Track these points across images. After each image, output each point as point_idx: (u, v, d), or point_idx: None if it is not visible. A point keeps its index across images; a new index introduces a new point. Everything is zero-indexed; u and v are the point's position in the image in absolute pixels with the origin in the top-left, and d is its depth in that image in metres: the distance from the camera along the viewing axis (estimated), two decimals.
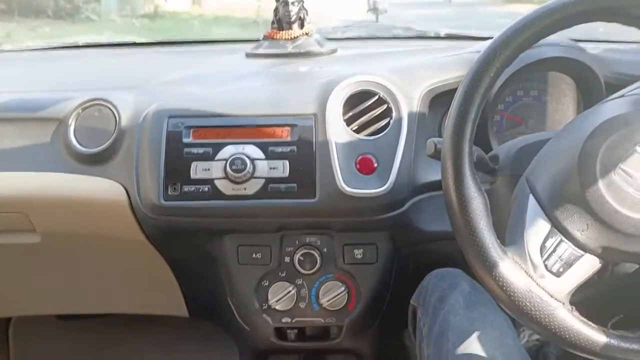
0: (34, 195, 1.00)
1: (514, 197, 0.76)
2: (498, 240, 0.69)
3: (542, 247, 0.69)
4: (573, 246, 0.68)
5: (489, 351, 0.78)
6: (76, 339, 1.66)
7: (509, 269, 0.68)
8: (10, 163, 1.01)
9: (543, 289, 0.68)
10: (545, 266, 0.69)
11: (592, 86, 1.02)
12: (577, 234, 0.68)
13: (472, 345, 0.79)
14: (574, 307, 0.69)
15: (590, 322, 0.68)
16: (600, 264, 0.69)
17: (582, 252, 0.68)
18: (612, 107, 0.73)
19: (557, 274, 0.69)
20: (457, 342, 0.80)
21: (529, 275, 0.68)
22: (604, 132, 0.68)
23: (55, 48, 1.48)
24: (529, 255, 0.70)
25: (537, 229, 0.70)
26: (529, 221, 0.71)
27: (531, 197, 0.72)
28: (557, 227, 0.69)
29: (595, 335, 0.67)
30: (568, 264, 0.69)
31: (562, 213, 0.68)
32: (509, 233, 0.74)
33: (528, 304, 0.67)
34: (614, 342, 0.67)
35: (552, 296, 0.68)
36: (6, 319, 1.64)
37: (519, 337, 1.15)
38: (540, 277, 0.69)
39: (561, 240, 0.69)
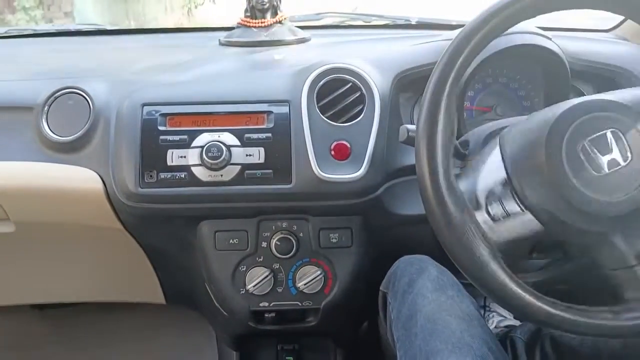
0: (7, 184, 0.99)
1: (483, 149, 0.79)
2: (454, 180, 0.72)
3: (491, 192, 0.73)
4: (519, 202, 0.71)
5: (457, 333, 0.79)
6: (53, 328, 1.66)
7: (452, 196, 0.71)
8: None
9: (476, 224, 0.71)
10: (486, 206, 0.73)
11: (558, 73, 1.05)
12: (528, 192, 0.70)
13: (441, 327, 0.81)
14: (501, 255, 0.71)
15: (508, 270, 0.70)
16: (540, 229, 0.72)
17: (525, 211, 0.71)
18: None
19: (494, 219, 0.73)
20: (426, 324, 0.82)
21: (467, 207, 0.71)
22: (580, 110, 0.70)
23: (23, 36, 1.46)
24: (476, 193, 0.74)
25: (492, 175, 0.74)
26: (487, 166, 0.75)
27: (497, 149, 0.75)
28: (512, 179, 0.72)
29: (506, 280, 0.69)
30: (508, 215, 0.72)
31: (519, 169, 0.71)
32: (465, 173, 0.78)
33: (459, 233, 0.70)
34: (519, 290, 0.69)
35: (483, 235, 0.71)
36: None
37: (487, 322, 1.19)
38: (477, 212, 0.73)
39: (510, 193, 0.72)
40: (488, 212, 0.73)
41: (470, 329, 0.80)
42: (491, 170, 0.75)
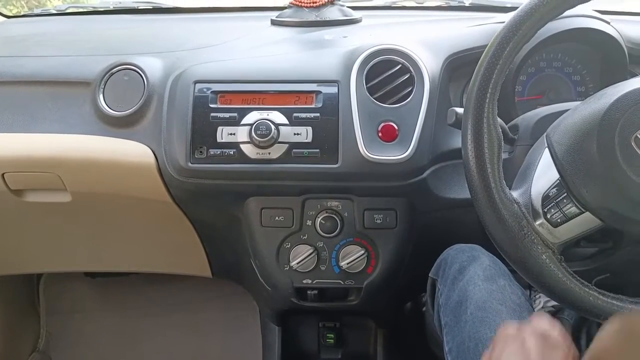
0: (65, 156, 1.03)
1: (531, 150, 0.77)
2: (507, 191, 0.71)
3: (546, 196, 0.71)
4: (576, 202, 0.70)
5: (506, 322, 0.79)
6: (103, 296, 1.72)
7: (509, 210, 0.70)
8: (42, 124, 1.04)
9: (536, 233, 0.70)
10: (544, 214, 0.71)
11: (615, 58, 1.02)
12: (583, 192, 0.69)
13: (490, 315, 0.81)
14: (563, 258, 0.71)
15: (574, 275, 0.69)
16: (599, 225, 0.71)
17: (583, 210, 0.70)
18: None
19: (554, 224, 0.71)
20: (476, 312, 0.82)
21: (526, 218, 0.70)
22: (631, 99, 0.69)
23: (82, 13, 1.50)
24: (531, 200, 0.72)
25: (545, 179, 0.72)
26: (539, 170, 0.74)
27: (546, 150, 0.73)
28: (565, 180, 0.70)
29: (575, 286, 0.69)
30: (567, 217, 0.70)
31: (572, 168, 0.70)
32: (517, 179, 0.76)
33: (519, 244, 0.69)
34: (592, 297, 0.69)
35: (543, 242, 0.70)
36: (37, 275, 1.71)
37: (534, 304, 1.18)
38: (536, 222, 0.71)
39: (566, 194, 0.70)
40: (547, 219, 0.71)
41: (520, 320, 0.79)
42: (543, 172, 0.73)
